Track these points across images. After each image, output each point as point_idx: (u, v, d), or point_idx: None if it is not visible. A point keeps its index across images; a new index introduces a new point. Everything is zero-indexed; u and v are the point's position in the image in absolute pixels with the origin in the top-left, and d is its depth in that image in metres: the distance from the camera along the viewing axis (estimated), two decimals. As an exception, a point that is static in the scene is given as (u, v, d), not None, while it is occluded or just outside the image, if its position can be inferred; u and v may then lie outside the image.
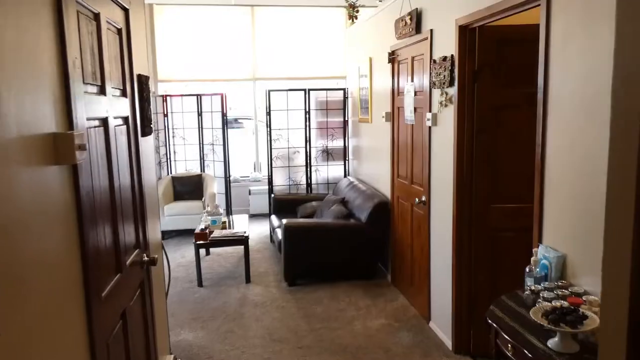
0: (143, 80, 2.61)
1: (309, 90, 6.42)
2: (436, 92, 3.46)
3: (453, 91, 3.19)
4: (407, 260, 4.22)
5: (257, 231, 6.68)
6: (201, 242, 4.66)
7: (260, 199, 7.29)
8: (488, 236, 3.18)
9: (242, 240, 4.71)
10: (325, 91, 6.48)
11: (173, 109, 7.05)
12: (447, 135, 3.29)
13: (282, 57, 7.40)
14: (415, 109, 3.91)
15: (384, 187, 4.86)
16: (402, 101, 4.18)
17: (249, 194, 7.47)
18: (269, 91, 6.29)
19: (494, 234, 3.17)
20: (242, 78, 7.47)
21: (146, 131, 2.61)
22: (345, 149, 6.62)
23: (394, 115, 4.48)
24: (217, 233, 4.81)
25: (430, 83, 3.53)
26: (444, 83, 3.28)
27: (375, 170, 5.29)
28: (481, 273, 3.22)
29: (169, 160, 7.08)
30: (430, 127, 3.60)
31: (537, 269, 2.15)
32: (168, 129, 7.03)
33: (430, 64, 3.51)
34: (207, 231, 4.74)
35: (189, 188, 6.69)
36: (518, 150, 3.07)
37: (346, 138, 6.61)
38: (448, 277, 3.38)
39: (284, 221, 4.61)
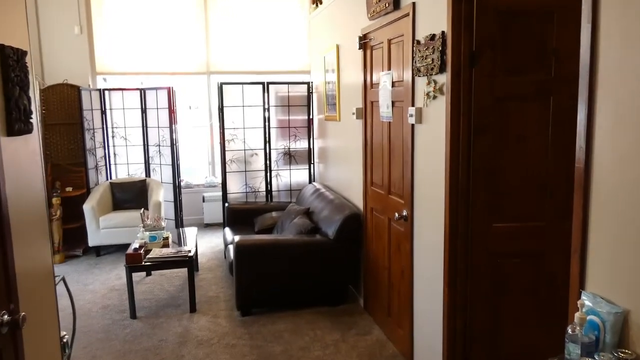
0: (11, 55, 1.80)
1: (268, 83, 5.66)
2: (421, 82, 2.77)
3: (444, 79, 2.50)
4: (383, 284, 3.52)
5: (211, 244, 5.86)
6: (134, 264, 3.83)
7: (216, 206, 6.49)
8: (488, 262, 2.51)
9: (185, 262, 3.90)
10: (286, 85, 5.73)
11: (112, 105, 6.15)
12: (437, 134, 2.60)
13: (239, 48, 6.62)
14: (393, 103, 3.21)
15: (356, 197, 4.16)
16: (377, 94, 3.48)
17: (203, 201, 6.64)
18: (222, 84, 5.50)
19: (496, 259, 2.50)
20: (194, 71, 6.64)
21: (17, 128, 1.81)
22: (310, 151, 5.88)
23: (366, 111, 3.78)
24: (155, 253, 3.99)
25: (413, 70, 2.84)
26: (431, 69, 2.59)
27: (344, 176, 4.58)
28: (480, 307, 2.55)
29: (108, 163, 6.18)
30: (413, 125, 2.91)
31: (583, 331, 1.46)
32: (106, 127, 6.12)
33: (413, 47, 2.82)
34: (141, 251, 3.91)
35: (130, 195, 5.81)
36: (526, 155, 2.41)
37: (311, 139, 5.88)
38: (437, 309, 2.69)
39: (236, 238, 3.84)
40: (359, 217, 3.90)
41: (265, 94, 5.67)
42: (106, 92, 6.09)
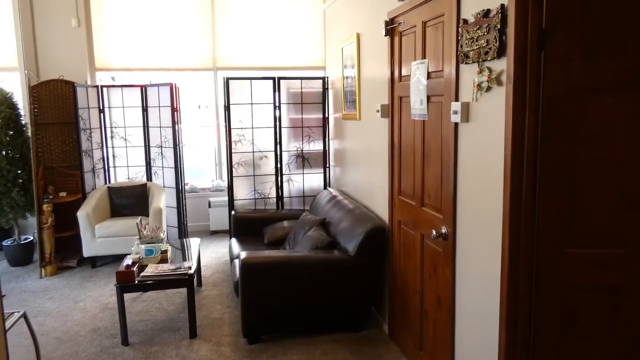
0: None
1: (279, 78, 5.15)
2: (469, 70, 2.24)
3: (502, 65, 1.97)
4: (413, 311, 3.00)
5: (217, 254, 5.37)
6: (125, 284, 3.34)
7: (222, 212, 6.00)
8: (560, 297, 1.97)
9: (184, 281, 3.40)
10: (299, 80, 5.21)
11: (111, 103, 5.69)
12: (491, 135, 2.07)
13: (248, 42, 6.14)
14: (428, 98, 2.69)
15: (379, 206, 3.63)
16: (407, 89, 2.96)
17: (209, 206, 6.16)
18: (228, 79, 5.00)
19: (571, 294, 1.96)
20: (200, 67, 6.16)
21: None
22: (325, 153, 5.37)
23: (393, 108, 3.25)
24: (151, 269, 3.50)
25: (457, 57, 2.32)
26: (485, 53, 2.06)
27: (365, 183, 4.06)
28: (548, 355, 2.01)
29: (106, 166, 5.71)
30: (456, 124, 2.38)
31: None
32: (105, 127, 5.66)
33: (457, 27, 2.30)
34: (134, 268, 3.41)
35: (130, 201, 5.34)
36: (611, 162, 1.87)
37: (326, 140, 5.36)
38: (489, 352, 2.16)
39: (242, 254, 3.33)
40: (384, 230, 3.37)
41: (276, 91, 5.16)
42: (104, 89, 5.63)
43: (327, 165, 5.39)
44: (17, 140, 5.04)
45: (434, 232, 2.56)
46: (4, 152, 5.00)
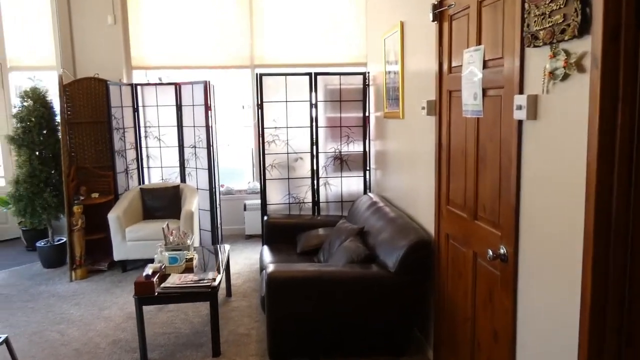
0: None
1: (316, 74, 4.80)
2: (538, 55, 1.81)
3: (586, 46, 1.54)
4: (463, 340, 2.57)
5: (250, 261, 5.09)
6: (144, 296, 3.08)
7: (258, 216, 5.70)
8: (658, 347, 1.52)
9: (207, 295, 3.11)
10: (338, 76, 4.85)
11: (145, 102, 5.53)
12: (569, 136, 1.64)
13: (287, 39, 5.86)
14: (484, 91, 2.26)
15: (424, 216, 3.22)
16: (458, 81, 2.54)
17: (244, 209, 5.90)
18: (261, 75, 4.70)
19: (674, 343, 1.51)
20: (237, 65, 5.93)
21: None
22: (365, 155, 4.98)
23: (441, 104, 2.84)
24: (173, 280, 3.23)
25: (522, 39, 1.89)
26: (561, 32, 1.63)
27: (409, 189, 3.65)
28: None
29: (140, 167, 5.56)
30: (520, 122, 1.95)
31: None
32: (139, 127, 5.50)
33: (523, 3, 1.87)
34: (154, 279, 3.16)
35: (162, 203, 5.16)
36: None
37: (367, 140, 4.97)
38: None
39: (269, 267, 3.01)
40: (429, 244, 2.96)
41: (313, 87, 4.82)
42: (138, 88, 5.48)
43: (367, 169, 5.00)
44: (50, 139, 4.95)
45: (490, 252, 2.13)
46: (37, 152, 4.92)
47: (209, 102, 5.13)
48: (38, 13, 5.78)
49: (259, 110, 4.76)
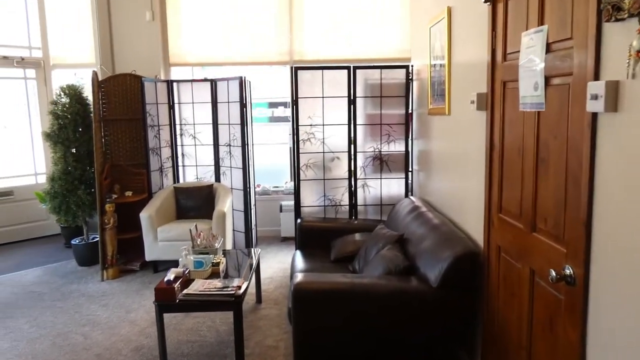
0: None
1: (355, 68, 4.50)
2: (620, 31, 1.45)
3: (691, 14, 1.17)
4: (516, 372, 2.21)
5: (284, 265, 4.86)
6: (164, 303, 2.89)
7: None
8: None
9: (230, 304, 2.88)
10: (379, 70, 4.52)
11: (181, 99, 5.40)
12: (665, 131, 1.27)
13: (328, 34, 5.59)
14: (547, 79, 1.91)
15: (472, 224, 2.86)
16: (514, 70, 2.18)
17: (280, 210, 5.68)
18: (296, 69, 4.45)
19: None
20: (276, 61, 5.73)
21: None
22: (407, 155, 4.63)
23: (493, 97, 2.48)
24: (196, 286, 3.03)
25: (599, 11, 1.53)
26: (655, -2, 1.27)
27: (455, 193, 3.29)
28: None
29: (175, 165, 5.44)
30: (595, 116, 1.59)
31: None
32: (174, 124, 5.38)
33: (602, -32, 1.51)
34: (176, 284, 2.96)
35: (196, 203, 5.00)
36: None
37: (409, 139, 4.62)
38: None
39: (297, 277, 2.74)
40: (477, 257, 2.60)
41: (352, 82, 4.52)
42: (174, 84, 5.36)
43: (409, 170, 4.65)
44: (85, 136, 4.90)
45: (553, 273, 1.77)
46: (72, 149, 4.87)
47: (244, 99, 4.93)
48: (79, 11, 5.78)
49: (294, 107, 4.51)
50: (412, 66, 4.53)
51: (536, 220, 2.03)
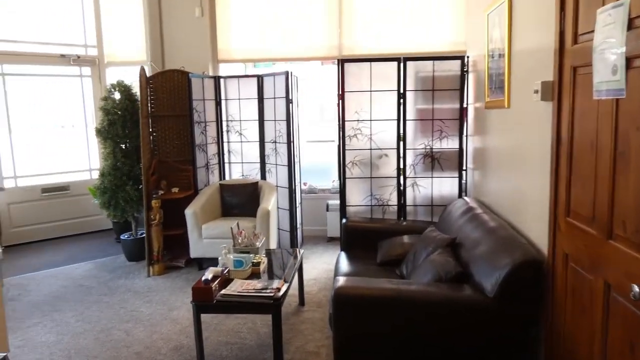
0: None
1: (405, 59, 4.25)
2: None
3: None
4: (587, 399, 1.93)
5: (329, 266, 4.70)
6: (202, 302, 2.79)
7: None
8: None
9: (268, 307, 2.74)
10: (431, 62, 4.25)
11: (228, 95, 5.35)
12: None
13: (378, 28, 5.38)
14: (628, 61, 1.63)
15: (533, 227, 2.58)
16: (587, 53, 1.90)
17: (327, 209, 5.52)
18: (343, 61, 4.25)
19: None
20: (324, 56, 5.57)
21: None
22: (461, 152, 4.33)
23: (561, 85, 2.20)
24: (234, 287, 2.91)
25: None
26: None
27: (514, 193, 3.00)
28: None
29: (221, 161, 5.39)
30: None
31: None
32: (221, 121, 5.34)
33: None
34: (214, 284, 2.85)
35: (241, 200, 4.93)
36: None
37: (463, 135, 4.32)
38: None
39: (338, 281, 2.56)
40: (541, 265, 2.32)
41: (402, 75, 4.27)
42: (221, 80, 5.31)
43: (464, 168, 4.35)
44: (133, 132, 4.94)
45: (636, 288, 1.50)
46: (121, 145, 4.93)
47: (290, 95, 4.80)
48: (131, 8, 5.86)
49: (340, 101, 4.32)
50: (467, 57, 4.23)
51: (613, 225, 1.75)
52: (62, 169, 6.01)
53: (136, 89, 5.03)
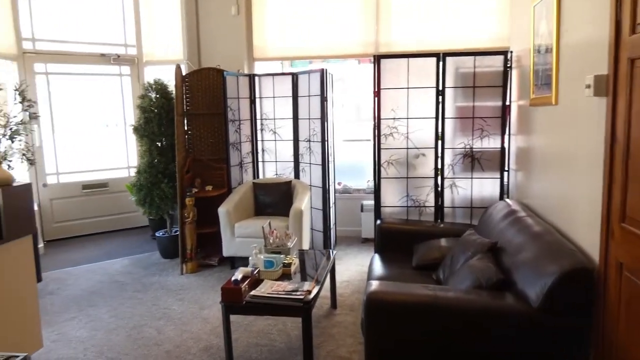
0: None
1: (444, 55, 4.08)
2: None
3: None
4: None
5: (363, 268, 4.59)
6: (231, 303, 2.74)
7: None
8: None
9: (298, 310, 2.66)
10: (472, 57, 4.07)
11: (262, 94, 5.31)
12: None
13: (416, 23, 5.23)
14: (700, 50, 1.45)
15: (583, 233, 2.39)
16: (650, 41, 1.72)
17: (361, 210, 5.41)
18: (379, 57, 4.12)
19: None
20: (361, 53, 5.46)
21: None
22: (503, 152, 4.13)
23: (617, 79, 2.02)
24: (264, 288, 2.85)
25: None
26: None
27: (562, 195, 2.81)
28: None
29: (255, 160, 5.36)
30: None
31: None
32: (255, 119, 5.31)
33: None
34: (244, 285, 2.79)
35: (274, 199, 4.88)
36: None
37: (505, 135, 4.12)
38: None
39: (371, 285, 2.45)
40: (591, 275, 2.14)
41: (440, 71, 4.10)
42: (256, 78, 5.28)
43: (506, 169, 4.14)
44: (169, 130, 4.97)
45: None
46: (157, 143, 4.96)
47: (325, 93, 4.72)
48: (168, 7, 5.91)
49: (376, 99, 4.19)
50: (510, 52, 4.02)
51: (678, 233, 1.57)
52: (102, 166, 6.13)
53: (172, 87, 5.06)
